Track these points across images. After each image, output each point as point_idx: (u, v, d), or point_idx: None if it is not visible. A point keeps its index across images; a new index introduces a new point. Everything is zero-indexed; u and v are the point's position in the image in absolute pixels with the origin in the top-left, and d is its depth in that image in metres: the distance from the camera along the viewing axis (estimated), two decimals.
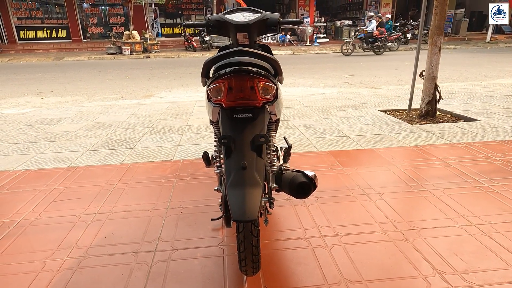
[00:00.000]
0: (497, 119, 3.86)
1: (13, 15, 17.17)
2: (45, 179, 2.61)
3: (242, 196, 1.19)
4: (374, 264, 1.59)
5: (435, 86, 3.87)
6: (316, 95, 5.67)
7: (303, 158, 2.91)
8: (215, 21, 1.72)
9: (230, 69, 1.28)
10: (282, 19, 1.77)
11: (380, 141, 3.24)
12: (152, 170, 2.74)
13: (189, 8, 18.75)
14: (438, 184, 2.34)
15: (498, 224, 1.86)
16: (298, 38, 18.04)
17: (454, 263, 1.57)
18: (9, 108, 5.32)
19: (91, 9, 18.06)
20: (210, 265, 1.62)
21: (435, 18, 3.74)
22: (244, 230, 1.29)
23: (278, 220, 1.98)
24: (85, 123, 4.21)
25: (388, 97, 5.28)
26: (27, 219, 2.06)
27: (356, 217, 1.99)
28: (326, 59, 11.85)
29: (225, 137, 1.30)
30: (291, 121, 4.05)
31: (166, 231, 1.90)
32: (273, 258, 1.65)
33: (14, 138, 3.66)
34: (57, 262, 1.67)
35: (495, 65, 9.16)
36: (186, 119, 4.32)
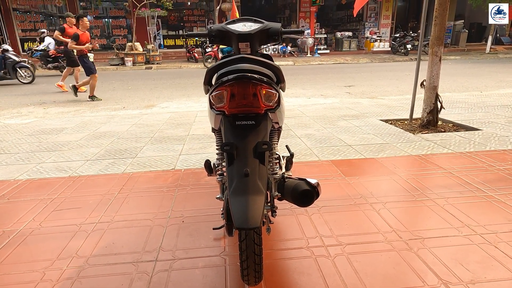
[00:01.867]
0: (499, 128, 3.86)
1: (18, 27, 17.40)
2: (46, 189, 2.60)
3: (244, 203, 1.18)
4: (378, 274, 1.56)
5: (436, 96, 3.87)
6: (317, 105, 5.69)
7: (305, 167, 2.90)
8: (217, 31, 1.73)
9: (233, 76, 1.29)
10: (284, 29, 1.78)
11: (382, 150, 3.23)
12: (153, 180, 2.73)
13: (191, 20, 18.98)
14: (442, 193, 2.32)
15: (503, 234, 1.84)
16: (299, 49, 18.20)
17: (460, 273, 1.55)
18: (12, 119, 5.35)
19: (95, 21, 18.30)
20: (212, 275, 1.60)
21: (435, 28, 3.77)
22: (246, 238, 1.28)
23: (281, 229, 1.96)
24: (87, 133, 4.22)
25: (389, 107, 5.29)
26: (28, 229, 2.04)
27: (359, 226, 1.97)
28: (327, 70, 11.92)
29: (227, 144, 1.29)
30: (292, 131, 4.05)
31: (167, 240, 1.88)
32: (275, 268, 1.63)
33: (16, 148, 3.67)
34: (56, 272, 1.65)
35: (495, 75, 9.20)
36: (187, 128, 4.32)
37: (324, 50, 18.30)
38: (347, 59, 15.36)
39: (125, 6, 17.73)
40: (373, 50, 18.30)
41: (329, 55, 17.35)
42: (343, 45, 18.83)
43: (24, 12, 17.54)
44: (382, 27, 19.40)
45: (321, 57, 16.74)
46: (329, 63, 14.70)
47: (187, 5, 18.57)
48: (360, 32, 19.91)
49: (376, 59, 15.29)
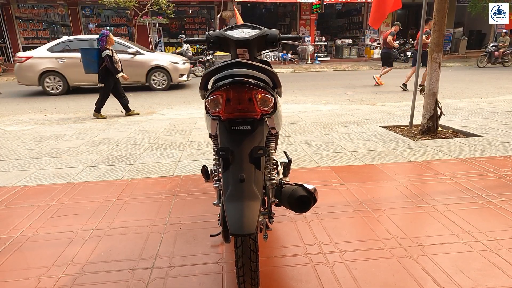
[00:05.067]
0: (499, 134, 3.84)
1: (20, 35, 17.55)
2: (44, 195, 2.59)
3: (240, 209, 1.16)
4: (378, 282, 1.54)
5: (436, 102, 3.87)
6: (317, 111, 5.69)
7: (304, 173, 2.88)
8: (215, 37, 1.74)
9: (228, 80, 1.28)
10: (282, 35, 1.78)
11: (381, 157, 3.21)
12: (151, 186, 2.71)
13: (192, 28, 19.13)
14: (442, 200, 2.30)
15: (504, 241, 1.81)
16: (299, 56, 18.28)
17: (460, 281, 1.52)
18: (12, 125, 5.36)
19: (97, 29, 18.46)
20: (209, 282, 1.58)
21: (434, 35, 3.78)
22: (242, 244, 1.26)
23: (278, 236, 1.94)
24: (87, 140, 4.22)
25: (389, 113, 5.29)
26: (24, 235, 2.03)
27: (358, 233, 1.95)
28: (327, 77, 11.96)
29: (223, 149, 1.28)
30: (292, 137, 4.04)
31: (164, 247, 1.86)
32: (273, 275, 1.61)
33: (15, 154, 3.67)
34: (51, 279, 1.63)
35: (495, 82, 9.21)
36: (187, 135, 4.32)
37: (324, 57, 18.38)
38: (347, 66, 15.41)
39: (127, 14, 17.88)
40: (373, 57, 18.35)
41: (329, 62, 17.42)
42: (343, 52, 18.92)
43: (26, 20, 17.70)
44: (382, 34, 19.48)
45: (321, 64, 16.80)
46: (329, 70, 14.75)
47: (188, 13, 18.74)
48: (360, 40, 20.01)
49: (376, 66, 15.32)
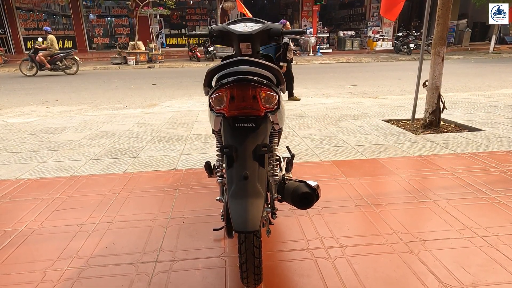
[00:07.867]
0: (501, 129, 3.83)
1: (21, 26, 17.45)
2: (48, 188, 2.61)
3: (243, 206, 1.17)
4: (379, 277, 1.56)
5: (439, 96, 3.85)
6: (319, 105, 5.68)
7: (306, 168, 2.89)
8: (218, 31, 1.73)
9: (232, 78, 1.28)
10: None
11: (383, 151, 3.22)
12: (154, 180, 2.73)
13: (194, 19, 18.97)
14: (443, 195, 2.31)
15: (505, 236, 1.82)
16: (301, 48, 18.15)
17: (461, 276, 1.54)
18: (15, 117, 5.37)
19: (97, 20, 18.33)
20: (211, 276, 1.60)
21: (438, 28, 3.75)
22: (246, 241, 1.28)
23: (281, 230, 1.96)
24: (89, 132, 4.23)
25: (391, 107, 5.27)
26: (29, 228, 2.05)
27: (360, 228, 1.96)
28: (329, 69, 11.89)
29: (227, 147, 1.29)
30: (294, 131, 4.04)
31: (168, 241, 1.88)
32: (275, 270, 1.63)
33: (18, 147, 3.68)
34: (57, 272, 1.65)
35: (498, 75, 9.14)
36: (189, 128, 4.32)
37: (327, 49, 18.24)
38: (350, 59, 15.30)
39: (128, 5, 17.72)
40: (375, 50, 18.22)
41: (332, 54, 17.29)
42: (346, 44, 18.77)
43: (27, 11, 17.58)
44: (385, 26, 19.30)
45: (323, 56, 16.69)
46: (332, 62, 14.66)
47: (190, 4, 18.55)
48: (362, 32, 19.83)
49: (378, 59, 15.23)
